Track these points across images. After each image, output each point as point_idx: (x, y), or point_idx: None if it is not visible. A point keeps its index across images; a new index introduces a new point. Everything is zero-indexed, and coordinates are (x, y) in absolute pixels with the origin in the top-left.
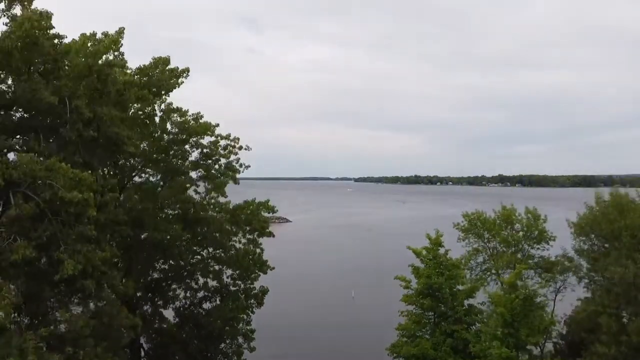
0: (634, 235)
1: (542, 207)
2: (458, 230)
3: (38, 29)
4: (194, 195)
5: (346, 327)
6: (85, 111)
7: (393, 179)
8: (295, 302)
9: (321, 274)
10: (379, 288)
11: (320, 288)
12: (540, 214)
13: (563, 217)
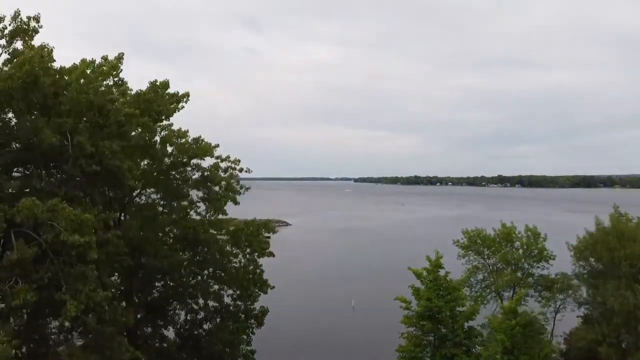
0: (633, 264)
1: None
2: (458, 247)
3: (39, 69)
4: (194, 214)
5: (346, 339)
6: (87, 147)
7: (393, 180)
8: (295, 311)
9: (321, 281)
10: (380, 297)
11: (320, 296)
12: (540, 232)
13: (562, 220)
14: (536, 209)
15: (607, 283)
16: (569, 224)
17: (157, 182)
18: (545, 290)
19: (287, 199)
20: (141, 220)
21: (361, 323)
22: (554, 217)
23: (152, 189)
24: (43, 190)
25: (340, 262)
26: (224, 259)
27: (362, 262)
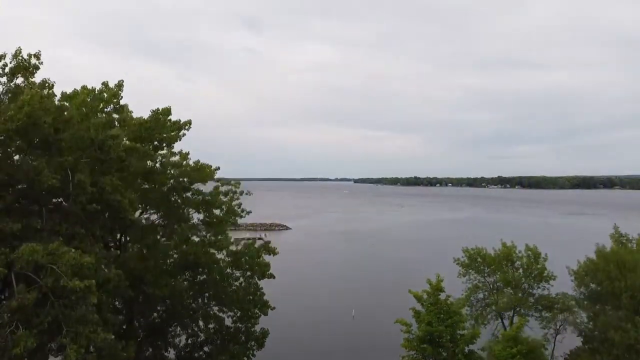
0: (633, 296)
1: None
2: (458, 266)
3: (39, 109)
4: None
5: (345, 350)
6: (87, 186)
7: (392, 180)
8: (294, 319)
9: (321, 289)
10: (380, 307)
11: (319, 304)
12: (540, 251)
13: (562, 224)
14: (535, 212)
15: (607, 313)
16: (569, 227)
17: (158, 204)
18: (546, 310)
19: (286, 200)
20: (141, 248)
21: (361, 333)
22: (552, 220)
23: (153, 210)
24: (44, 229)
25: (340, 268)
26: (224, 282)
27: (362, 269)
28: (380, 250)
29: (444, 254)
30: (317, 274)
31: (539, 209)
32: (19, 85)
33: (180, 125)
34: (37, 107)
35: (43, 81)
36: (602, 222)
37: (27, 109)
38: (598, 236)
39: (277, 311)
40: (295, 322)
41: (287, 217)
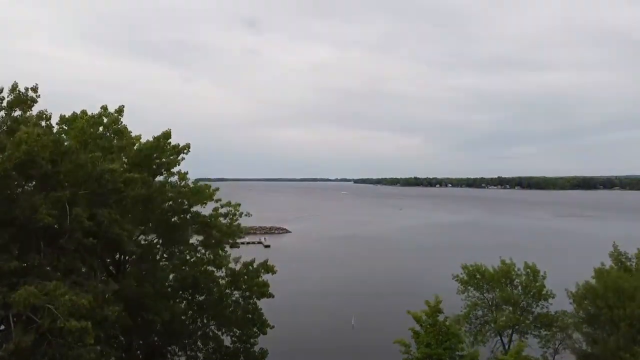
0: (632, 324)
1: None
2: (457, 282)
3: (37, 146)
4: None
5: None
6: (85, 221)
7: (392, 181)
8: (293, 327)
9: (320, 296)
10: (380, 315)
11: (319, 312)
12: (539, 269)
13: (561, 226)
14: (534, 214)
15: (606, 340)
16: (567, 231)
17: (157, 226)
18: (545, 328)
19: (286, 202)
20: (139, 274)
21: (361, 342)
22: (551, 223)
23: (153, 233)
24: (41, 265)
25: (340, 274)
26: (223, 302)
27: (362, 276)
28: (379, 255)
29: (443, 260)
30: (317, 280)
31: (538, 211)
32: (16, 118)
33: (179, 149)
34: (34, 144)
35: (40, 113)
36: (601, 224)
37: (24, 147)
38: (596, 240)
39: (276, 318)
40: (294, 329)
41: (287, 220)
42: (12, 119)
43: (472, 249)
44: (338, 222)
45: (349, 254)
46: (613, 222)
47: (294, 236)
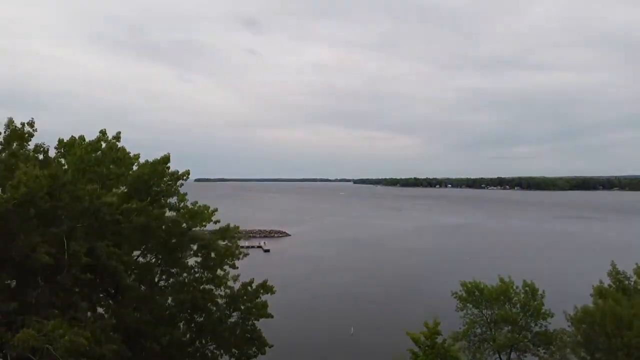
0: (630, 353)
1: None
2: (456, 299)
3: (35, 187)
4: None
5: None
6: (82, 255)
7: (392, 181)
8: (290, 335)
9: (319, 302)
10: (379, 324)
11: (317, 319)
12: (537, 287)
13: (560, 229)
14: (534, 216)
15: None
16: (566, 233)
17: (155, 247)
18: (543, 346)
19: (285, 203)
20: (137, 299)
21: (359, 351)
22: (550, 225)
23: (151, 255)
24: (39, 302)
25: (339, 280)
26: (222, 324)
27: (361, 282)
28: (378, 261)
29: (442, 266)
30: (316, 286)
31: (538, 213)
32: (14, 152)
33: (178, 176)
34: (33, 187)
35: (37, 146)
36: (601, 226)
37: (23, 189)
38: (596, 243)
39: (274, 325)
40: (292, 338)
41: (286, 223)
42: (10, 153)
43: (471, 254)
44: (337, 225)
45: (348, 259)
46: (612, 223)
47: (293, 240)
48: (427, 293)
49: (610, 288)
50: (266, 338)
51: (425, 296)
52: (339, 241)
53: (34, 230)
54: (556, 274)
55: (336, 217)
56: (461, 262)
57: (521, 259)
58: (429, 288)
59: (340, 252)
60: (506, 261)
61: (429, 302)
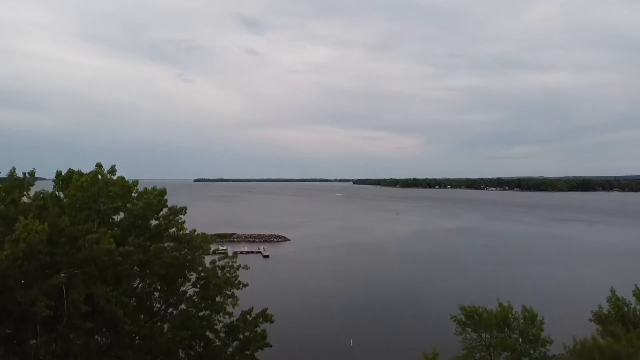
0: None
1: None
2: (455, 324)
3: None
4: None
5: None
6: (81, 303)
7: (391, 182)
8: (289, 346)
9: (319, 312)
10: (379, 336)
11: (317, 330)
12: (537, 313)
13: (559, 234)
14: (532, 220)
15: None
16: (565, 239)
17: (154, 279)
18: None
19: (284, 206)
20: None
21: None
22: (549, 229)
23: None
24: (39, 352)
25: (339, 290)
26: (221, 355)
27: (360, 291)
28: (377, 268)
29: (440, 272)
30: (316, 295)
31: (536, 216)
32: (14, 199)
33: (176, 211)
34: (34, 241)
35: (37, 194)
36: (600, 230)
37: (23, 246)
38: (595, 249)
39: (273, 337)
40: (291, 348)
41: (285, 227)
42: (9, 202)
43: (468, 261)
44: (336, 229)
45: (347, 267)
46: (612, 228)
47: (293, 245)
48: (425, 302)
49: (609, 315)
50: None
51: (422, 306)
52: (337, 247)
53: (34, 283)
54: (555, 282)
55: (335, 221)
56: (459, 270)
57: (520, 267)
58: (427, 297)
59: (339, 259)
60: (504, 270)
61: (426, 312)
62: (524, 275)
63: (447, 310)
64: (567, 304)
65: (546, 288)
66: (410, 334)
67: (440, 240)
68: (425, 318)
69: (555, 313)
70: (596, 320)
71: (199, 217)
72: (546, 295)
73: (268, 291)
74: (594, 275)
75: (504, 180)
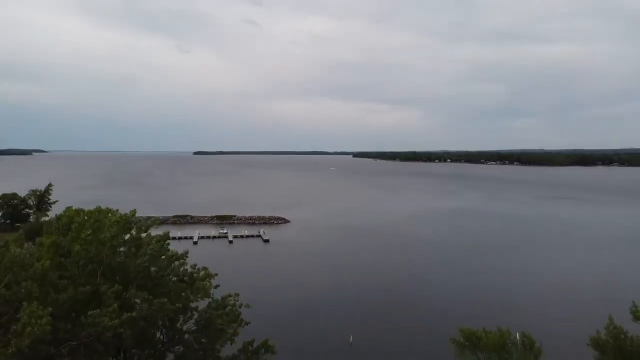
0: None
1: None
2: (455, 346)
3: (39, 338)
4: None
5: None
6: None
7: (391, 155)
8: (288, 342)
9: (319, 301)
10: (378, 332)
11: (316, 325)
12: (534, 340)
13: (556, 214)
14: (530, 200)
15: None
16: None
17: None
18: None
19: (284, 183)
20: None
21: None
22: (547, 209)
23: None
24: None
25: (339, 277)
26: None
27: (360, 279)
28: (375, 253)
29: (438, 257)
30: (315, 282)
31: (535, 194)
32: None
33: (177, 257)
34: (37, 335)
35: (39, 247)
36: (595, 210)
37: (28, 342)
38: (590, 230)
39: (271, 333)
40: (289, 339)
41: (285, 207)
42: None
43: (466, 245)
44: (335, 210)
45: (346, 251)
46: (606, 208)
47: (292, 227)
48: (424, 289)
49: (607, 343)
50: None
51: (421, 293)
52: (336, 230)
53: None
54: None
55: (334, 201)
56: (457, 255)
57: (517, 252)
58: (426, 283)
59: (338, 243)
60: (502, 255)
61: (425, 301)
62: (520, 259)
63: (442, 302)
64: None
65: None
66: (409, 329)
67: (438, 221)
68: (423, 307)
69: (555, 307)
70: (593, 345)
71: (199, 197)
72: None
73: (268, 281)
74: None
75: (504, 154)
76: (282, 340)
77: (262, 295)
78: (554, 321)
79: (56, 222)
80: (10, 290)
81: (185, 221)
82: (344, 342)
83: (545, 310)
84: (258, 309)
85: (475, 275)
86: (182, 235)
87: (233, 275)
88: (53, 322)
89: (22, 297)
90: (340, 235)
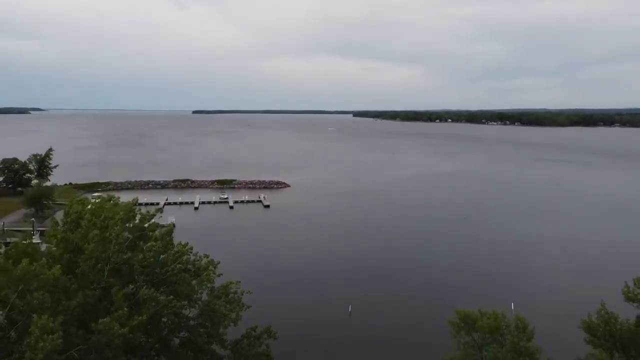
0: None
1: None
2: (451, 327)
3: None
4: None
5: (340, 350)
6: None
7: (392, 115)
8: (288, 312)
9: (319, 270)
10: (376, 301)
11: (315, 296)
12: (528, 322)
13: (554, 178)
14: (529, 162)
15: None
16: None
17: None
18: None
19: (283, 144)
20: None
21: (357, 331)
22: (545, 172)
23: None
24: None
25: (339, 245)
26: None
27: (360, 249)
28: (374, 218)
29: (437, 224)
30: (316, 249)
31: (537, 156)
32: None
33: (183, 252)
34: (49, 351)
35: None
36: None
37: (40, 357)
38: (584, 193)
39: (271, 304)
40: (289, 313)
41: (285, 170)
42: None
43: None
44: (334, 173)
45: (346, 218)
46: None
47: (292, 192)
48: (422, 258)
49: (598, 327)
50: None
51: (420, 262)
52: (335, 195)
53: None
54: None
55: (332, 164)
56: (455, 221)
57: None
58: (424, 252)
59: (337, 208)
60: (499, 221)
61: (424, 270)
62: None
63: (442, 272)
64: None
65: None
66: (407, 299)
67: (437, 185)
68: (422, 275)
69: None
70: (584, 328)
71: (199, 157)
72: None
73: (268, 248)
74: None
75: (505, 115)
76: (281, 311)
77: (261, 262)
78: (549, 294)
79: (64, 217)
80: (23, 299)
81: (186, 185)
82: (344, 313)
83: (542, 286)
84: (257, 279)
85: (473, 245)
86: (183, 201)
87: (234, 242)
88: (64, 328)
89: (35, 307)
90: (339, 201)
